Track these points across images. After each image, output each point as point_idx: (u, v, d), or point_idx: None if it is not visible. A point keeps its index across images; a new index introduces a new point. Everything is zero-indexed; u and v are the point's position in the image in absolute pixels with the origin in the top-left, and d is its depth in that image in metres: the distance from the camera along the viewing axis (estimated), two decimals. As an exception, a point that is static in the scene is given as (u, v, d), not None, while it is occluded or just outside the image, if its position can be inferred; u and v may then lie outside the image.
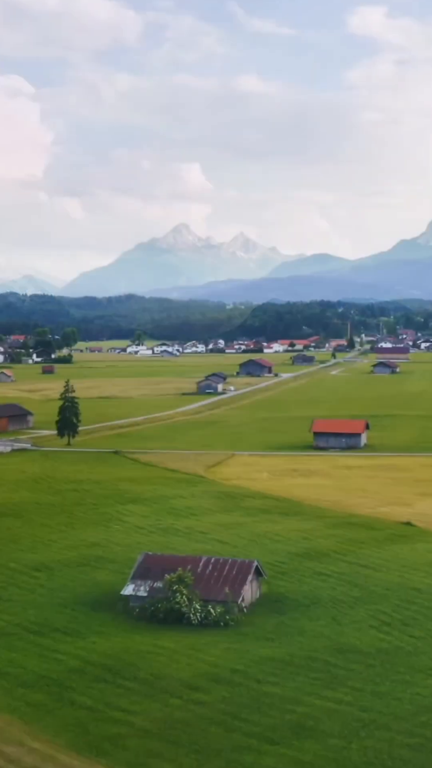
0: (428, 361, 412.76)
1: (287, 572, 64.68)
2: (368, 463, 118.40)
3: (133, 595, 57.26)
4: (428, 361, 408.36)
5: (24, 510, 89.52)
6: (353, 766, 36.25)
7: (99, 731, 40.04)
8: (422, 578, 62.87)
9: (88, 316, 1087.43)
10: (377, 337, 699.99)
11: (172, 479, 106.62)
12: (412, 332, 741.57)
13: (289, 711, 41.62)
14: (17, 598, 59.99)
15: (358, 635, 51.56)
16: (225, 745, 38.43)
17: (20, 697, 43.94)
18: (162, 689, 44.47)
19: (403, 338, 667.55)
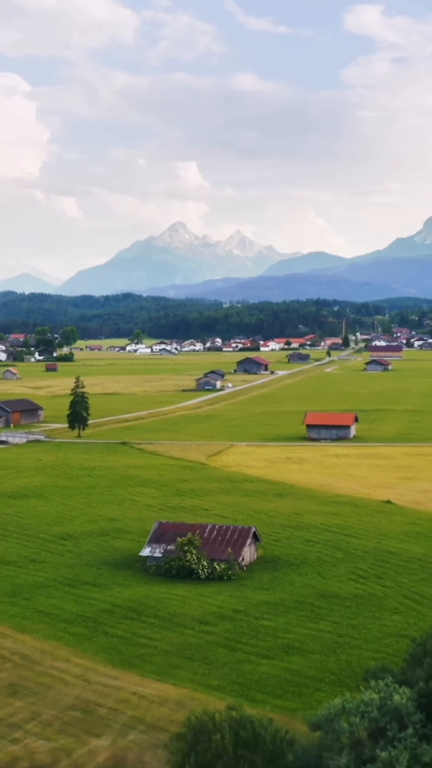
0: (420, 359, 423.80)
1: (280, 540, 75.07)
2: (356, 452, 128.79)
3: (150, 555, 67.63)
4: (420, 359, 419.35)
5: (45, 492, 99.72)
6: (330, 672, 46.64)
7: (129, 652, 50.46)
8: (396, 544, 73.31)
9: (85, 314, 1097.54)
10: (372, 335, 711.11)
11: (177, 466, 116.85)
12: (407, 330, 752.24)
13: (281, 637, 52.08)
14: (50, 560, 70.34)
15: (339, 585, 61.99)
16: (229, 660, 48.87)
17: (63, 629, 54.33)
18: (178, 623, 54.89)
19: (397, 336, 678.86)
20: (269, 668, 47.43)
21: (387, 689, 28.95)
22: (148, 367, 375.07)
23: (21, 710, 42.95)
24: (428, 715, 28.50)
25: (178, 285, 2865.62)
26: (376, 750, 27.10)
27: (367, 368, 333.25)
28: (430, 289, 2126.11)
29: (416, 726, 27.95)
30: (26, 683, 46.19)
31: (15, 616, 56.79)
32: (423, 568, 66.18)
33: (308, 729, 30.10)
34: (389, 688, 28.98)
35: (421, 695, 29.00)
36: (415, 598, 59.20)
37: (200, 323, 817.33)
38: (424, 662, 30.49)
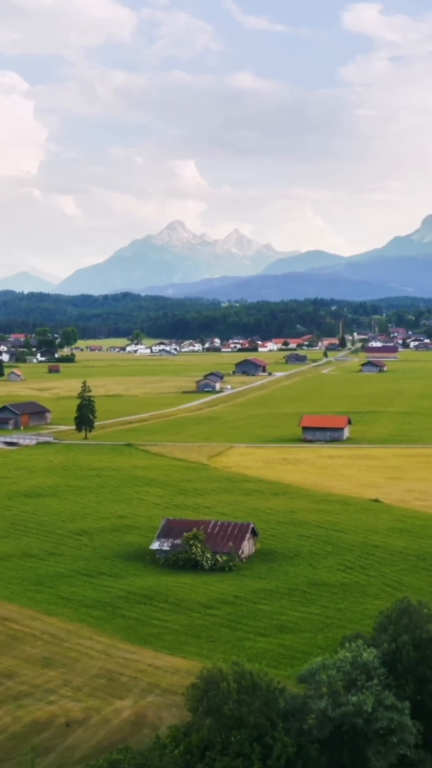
0: (415, 359, 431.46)
1: (276, 535, 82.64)
2: (348, 453, 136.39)
3: (159, 549, 75.21)
4: (415, 360, 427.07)
5: (58, 491, 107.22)
6: (318, 647, 54.11)
7: (144, 631, 58.02)
8: (381, 538, 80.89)
9: (84, 314, 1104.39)
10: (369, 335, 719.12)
11: (180, 467, 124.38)
12: (404, 330, 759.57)
13: (275, 619, 59.66)
14: (68, 554, 77.87)
15: (328, 575, 69.57)
16: (231, 638, 56.43)
17: (85, 612, 61.89)
18: (185, 607, 62.46)
19: (394, 336, 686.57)
20: (265, 644, 54.99)
21: (358, 649, 36.52)
22: (148, 368, 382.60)
23: (54, 678, 50.50)
24: (390, 669, 36.05)
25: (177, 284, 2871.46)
26: (349, 696, 34.66)
27: (362, 369, 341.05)
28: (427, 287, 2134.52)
29: (380, 677, 35.50)
30: (56, 657, 53.74)
31: (41, 601, 64.33)
32: (404, 560, 73.78)
33: (296, 682, 37.68)
34: (360, 649, 36.55)
35: (385, 654, 36.55)
36: (395, 585, 66.77)
37: (199, 323, 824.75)
38: (388, 629, 38.02)
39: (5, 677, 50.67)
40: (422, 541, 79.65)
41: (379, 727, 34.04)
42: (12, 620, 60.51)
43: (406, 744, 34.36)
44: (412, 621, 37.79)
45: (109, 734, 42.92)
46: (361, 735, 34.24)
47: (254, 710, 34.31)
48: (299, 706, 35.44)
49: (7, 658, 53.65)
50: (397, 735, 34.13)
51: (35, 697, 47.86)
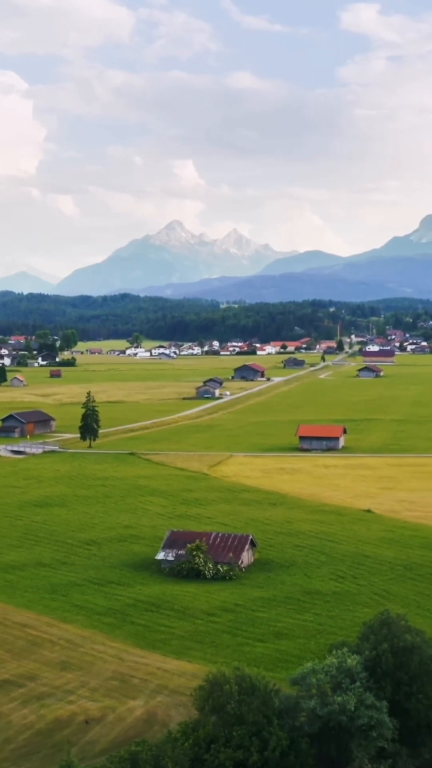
0: (412, 363, 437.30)
1: (273, 545, 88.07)
2: (343, 462, 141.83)
3: (164, 559, 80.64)
4: (412, 364, 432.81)
5: (66, 501, 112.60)
6: (311, 652, 59.52)
7: (152, 637, 63.44)
8: (371, 549, 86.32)
9: (84, 315, 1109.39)
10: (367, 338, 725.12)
11: (182, 476, 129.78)
12: (401, 333, 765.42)
13: (272, 626, 65.11)
14: (79, 563, 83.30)
15: (321, 584, 75.01)
16: (232, 643, 61.87)
17: (97, 620, 67.32)
18: (189, 615, 67.90)
19: (391, 339, 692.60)
20: (263, 649, 60.44)
21: (343, 656, 41.95)
22: (148, 372, 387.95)
23: (72, 680, 55.92)
24: (371, 674, 41.46)
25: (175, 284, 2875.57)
26: (335, 697, 40.10)
27: (359, 375, 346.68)
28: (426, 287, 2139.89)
29: (362, 681, 40.92)
30: (73, 661, 59.17)
31: (57, 609, 69.77)
32: (392, 569, 79.24)
33: (290, 684, 43.14)
34: (345, 655, 41.98)
35: (367, 660, 41.97)
36: (383, 594, 72.27)
37: (198, 325, 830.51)
38: (370, 638, 43.43)
39: (28, 679, 56.10)
40: (410, 552, 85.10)
41: (361, 723, 39.47)
42: (31, 627, 65.95)
43: (384, 738, 39.80)
44: (391, 631, 43.22)
45: (124, 730, 48.35)
46: (346, 730, 39.67)
47: (253, 709, 39.73)
48: (292, 705, 40.87)
49: (29, 662, 59.08)
50: (376, 730, 39.57)
51: (56, 697, 53.27)
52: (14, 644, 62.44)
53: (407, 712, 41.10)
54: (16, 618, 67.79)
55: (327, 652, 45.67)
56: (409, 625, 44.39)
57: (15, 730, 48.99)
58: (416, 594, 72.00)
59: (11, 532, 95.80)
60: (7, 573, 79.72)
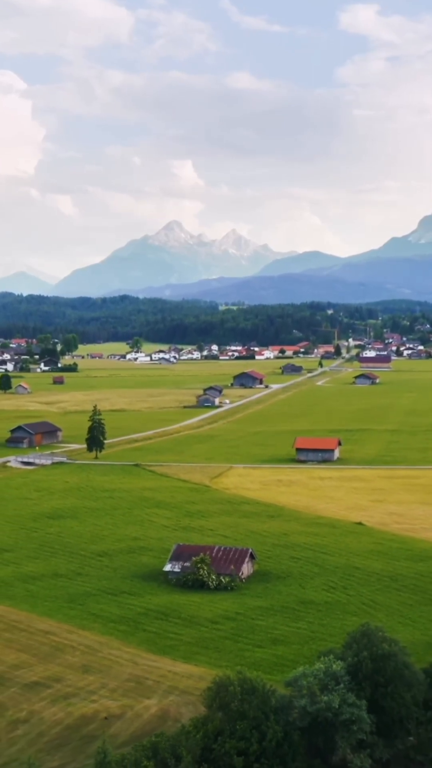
0: (408, 369, 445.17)
1: (271, 557, 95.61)
2: (337, 474, 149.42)
3: (171, 570, 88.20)
4: (408, 370, 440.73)
5: (77, 513, 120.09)
6: (304, 657, 67.06)
7: (162, 643, 70.98)
8: (361, 561, 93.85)
9: (83, 317, 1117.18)
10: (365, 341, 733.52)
11: (185, 488, 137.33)
12: (398, 336, 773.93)
13: (270, 633, 72.69)
14: (93, 574, 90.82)
15: (314, 594, 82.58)
16: (233, 648, 69.43)
17: (112, 627, 74.85)
18: (195, 623, 75.47)
19: (389, 343, 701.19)
20: (262, 654, 68.01)
21: (329, 662, 49.51)
22: (149, 378, 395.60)
23: (93, 682, 63.46)
24: (353, 677, 48.99)
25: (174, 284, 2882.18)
26: (322, 696, 47.67)
27: (356, 382, 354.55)
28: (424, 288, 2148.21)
29: (345, 683, 48.45)
30: (93, 664, 66.71)
31: (75, 617, 77.32)
32: (379, 580, 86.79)
33: (284, 686, 50.74)
34: (331, 661, 49.54)
35: (350, 665, 49.53)
36: (370, 604, 79.85)
37: (197, 327, 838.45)
38: (353, 646, 51.01)
39: (54, 681, 63.66)
40: (396, 563, 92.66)
41: (344, 719, 47.00)
42: (53, 633, 73.52)
43: (364, 731, 47.33)
44: (371, 641, 50.77)
45: (142, 725, 55.91)
46: (331, 725, 47.22)
47: (253, 706, 47.29)
48: (286, 703, 48.44)
49: (54, 666, 66.65)
50: (357, 725, 47.09)
51: (80, 696, 60.82)
52: (39, 649, 70.00)
53: (383, 709, 48.66)
54: (40, 626, 75.35)
55: (316, 658, 53.22)
56: (386, 635, 51.91)
57: (47, 725, 56.57)
58: (400, 604, 79.57)
59: (28, 544, 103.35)
60: (28, 583, 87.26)
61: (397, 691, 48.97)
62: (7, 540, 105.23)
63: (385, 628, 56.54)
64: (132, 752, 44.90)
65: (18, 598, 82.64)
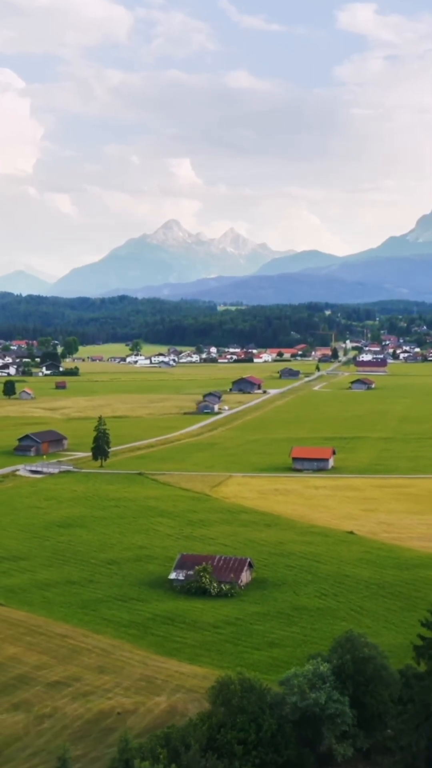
0: (403, 373, 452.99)
1: (268, 565, 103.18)
2: (331, 483, 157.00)
3: (175, 578, 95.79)
4: (404, 374, 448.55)
5: (85, 522, 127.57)
6: (297, 659, 74.64)
7: (169, 646, 78.55)
8: (351, 569, 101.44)
9: (83, 318, 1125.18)
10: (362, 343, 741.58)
11: (186, 497, 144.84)
12: (395, 338, 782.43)
13: (266, 636, 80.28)
14: (103, 581, 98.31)
15: (307, 600, 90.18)
16: (233, 651, 76.98)
17: (123, 631, 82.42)
18: (199, 627, 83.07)
19: (386, 345, 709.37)
20: (259, 656, 75.61)
21: (317, 664, 57.09)
22: (149, 383, 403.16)
23: (108, 681, 71.00)
24: (337, 677, 56.57)
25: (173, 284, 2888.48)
26: (311, 693, 55.26)
27: (352, 387, 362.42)
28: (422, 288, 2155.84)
29: (331, 682, 56.01)
30: (108, 665, 74.28)
31: (89, 622, 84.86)
32: (367, 588, 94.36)
33: (278, 684, 58.35)
34: (318, 663, 57.12)
35: (335, 667, 57.12)
36: (358, 610, 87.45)
37: (195, 329, 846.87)
38: (338, 650, 58.61)
39: (74, 680, 71.22)
40: (383, 571, 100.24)
41: (330, 713, 54.59)
42: (70, 637, 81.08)
43: (347, 724, 54.89)
44: (353, 645, 58.34)
45: (153, 719, 63.47)
46: (318, 718, 54.81)
47: (251, 702, 54.87)
48: (280, 699, 56.03)
49: (72, 666, 74.20)
50: (340, 718, 54.67)
51: (97, 694, 68.36)
52: (58, 652, 77.56)
53: (364, 705, 56.25)
54: (57, 630, 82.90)
55: (306, 660, 60.81)
56: (367, 641, 59.49)
57: (70, 719, 64.13)
58: (385, 610, 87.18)
59: (41, 552, 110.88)
60: (44, 590, 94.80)
61: (375, 690, 56.55)
62: (21, 548, 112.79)
63: (367, 634, 64.27)
64: (147, 742, 52.46)
65: (36, 604, 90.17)
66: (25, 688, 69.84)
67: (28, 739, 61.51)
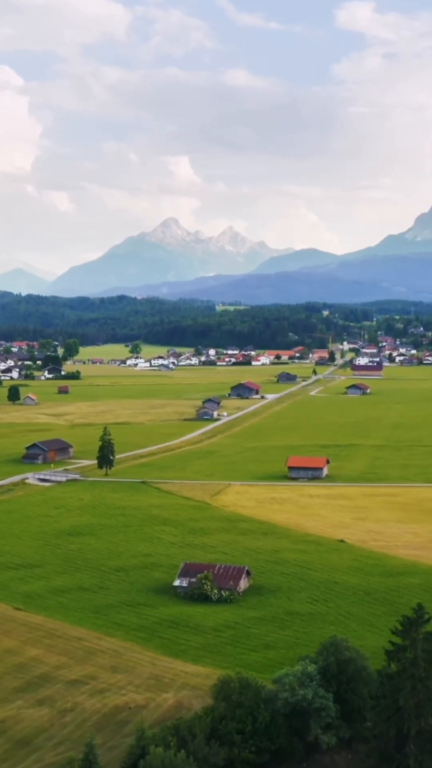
0: (399, 377, 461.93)
1: (264, 573, 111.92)
2: (325, 492, 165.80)
3: (179, 585, 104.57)
4: (399, 378, 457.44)
5: (94, 530, 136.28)
6: (290, 659, 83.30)
7: (175, 648, 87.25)
8: (340, 576, 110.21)
9: (82, 318, 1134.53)
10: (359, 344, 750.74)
11: (188, 506, 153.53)
12: (392, 340, 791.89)
13: (262, 639, 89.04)
14: (113, 588, 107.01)
15: (300, 606, 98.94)
16: (233, 653, 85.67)
17: (133, 634, 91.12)
18: (201, 631, 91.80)
19: (382, 347, 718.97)
20: (255, 657, 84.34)
21: (306, 665, 65.90)
22: (149, 387, 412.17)
23: (121, 680, 79.74)
24: (323, 676, 65.38)
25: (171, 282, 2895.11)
26: (300, 690, 64.06)
27: (347, 392, 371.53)
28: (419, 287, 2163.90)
29: (317, 681, 64.80)
30: (120, 665, 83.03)
31: (102, 626, 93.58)
32: (354, 594, 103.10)
33: (272, 682, 67.21)
34: (307, 664, 65.94)
35: (321, 667, 65.90)
36: (345, 614, 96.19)
37: (194, 330, 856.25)
38: (323, 653, 67.41)
39: (90, 679, 79.95)
40: (370, 579, 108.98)
41: (316, 707, 63.35)
42: (85, 640, 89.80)
43: (330, 717, 63.66)
44: (337, 649, 67.13)
45: (162, 713, 72.22)
46: (306, 712, 63.60)
47: (248, 698, 63.67)
48: (273, 695, 64.85)
49: (88, 666, 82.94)
50: (325, 712, 63.45)
51: (112, 691, 77.10)
52: (75, 653, 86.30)
53: (345, 700, 65.05)
54: (73, 633, 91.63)
55: (296, 661, 69.65)
56: (349, 645, 68.31)
57: (89, 713, 72.90)
58: (370, 615, 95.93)
59: (54, 560, 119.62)
60: (59, 596, 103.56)
61: (356, 687, 65.37)
62: (36, 556, 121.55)
63: (353, 637, 73.29)
64: (159, 731, 61.25)
65: (52, 609, 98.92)
66: (47, 685, 78.60)
67: (53, 731, 70.27)
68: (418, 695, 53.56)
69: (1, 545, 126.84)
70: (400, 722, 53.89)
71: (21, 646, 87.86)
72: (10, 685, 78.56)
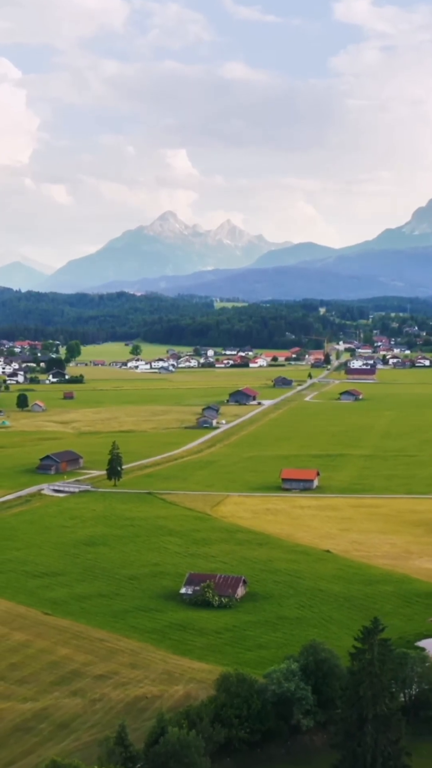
0: (392, 381, 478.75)
1: (259, 581, 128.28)
2: (315, 503, 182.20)
3: (185, 593, 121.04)
4: (392, 382, 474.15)
5: (106, 540, 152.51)
6: (279, 658, 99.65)
7: (184, 647, 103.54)
8: (325, 584, 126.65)
9: (82, 315, 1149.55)
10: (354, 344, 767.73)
11: (190, 517, 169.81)
12: (387, 339, 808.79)
13: (256, 641, 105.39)
14: (127, 594, 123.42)
15: (289, 611, 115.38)
16: (231, 652, 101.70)
17: (147, 636, 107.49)
18: (204, 633, 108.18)
19: (377, 347, 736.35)
20: (250, 656, 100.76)
21: (290, 663, 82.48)
22: (151, 392, 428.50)
23: (139, 675, 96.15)
24: (303, 672, 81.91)
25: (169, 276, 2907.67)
26: (285, 683, 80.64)
27: (340, 398, 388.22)
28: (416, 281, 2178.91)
29: (299, 676, 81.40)
30: (137, 662, 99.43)
31: (120, 628, 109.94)
32: (336, 600, 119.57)
33: (263, 677, 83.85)
34: (290, 662, 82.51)
35: (302, 665, 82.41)
36: (328, 619, 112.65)
37: (193, 329, 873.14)
38: (304, 653, 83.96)
39: (113, 674, 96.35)
40: (351, 586, 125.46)
41: (298, 696, 79.90)
42: (106, 641, 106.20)
43: (309, 704, 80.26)
44: (315, 650, 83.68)
45: (174, 702, 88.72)
46: (290, 700, 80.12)
47: (244, 689, 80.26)
48: (264, 687, 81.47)
49: (111, 663, 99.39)
50: (305, 701, 80.00)
51: (132, 684, 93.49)
52: (99, 652, 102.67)
53: (321, 692, 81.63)
54: (95, 635, 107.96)
55: (282, 660, 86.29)
56: (325, 647, 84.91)
57: (114, 702, 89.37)
58: (349, 619, 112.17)
59: (74, 569, 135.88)
60: (82, 602, 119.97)
61: (330, 681, 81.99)
62: (57, 565, 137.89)
63: (332, 639, 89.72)
64: (173, 716, 77.82)
65: (76, 614, 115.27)
66: (78, 680, 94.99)
67: (86, 717, 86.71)
68: (375, 687, 69.86)
69: (26, 555, 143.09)
70: (360, 708, 70.17)
71: (53, 646, 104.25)
72: (47, 680, 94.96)
